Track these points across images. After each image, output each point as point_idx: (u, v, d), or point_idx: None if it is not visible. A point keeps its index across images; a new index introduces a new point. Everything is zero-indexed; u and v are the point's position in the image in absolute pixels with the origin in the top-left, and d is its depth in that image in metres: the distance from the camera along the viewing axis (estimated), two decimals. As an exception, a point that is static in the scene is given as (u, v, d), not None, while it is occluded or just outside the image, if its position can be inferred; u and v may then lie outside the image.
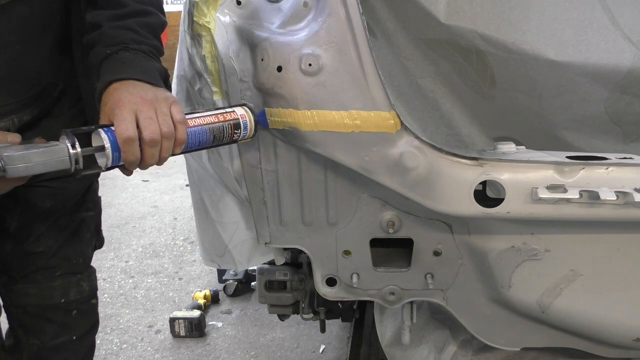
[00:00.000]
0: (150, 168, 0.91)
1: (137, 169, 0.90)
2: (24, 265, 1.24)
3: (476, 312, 1.20)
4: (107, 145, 0.83)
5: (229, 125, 0.97)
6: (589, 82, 1.06)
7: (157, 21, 1.03)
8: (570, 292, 1.09)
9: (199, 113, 0.96)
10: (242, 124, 0.98)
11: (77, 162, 0.81)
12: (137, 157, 0.85)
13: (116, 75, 0.91)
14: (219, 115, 0.96)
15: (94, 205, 1.33)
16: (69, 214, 1.25)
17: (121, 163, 0.86)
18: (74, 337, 1.32)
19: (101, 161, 0.85)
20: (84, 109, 1.20)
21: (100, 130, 0.84)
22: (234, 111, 0.99)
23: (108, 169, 0.86)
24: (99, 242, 1.38)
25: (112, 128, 0.84)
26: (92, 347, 1.42)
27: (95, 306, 1.38)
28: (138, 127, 0.84)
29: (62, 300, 1.28)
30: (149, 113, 0.86)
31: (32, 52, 1.04)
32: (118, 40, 0.95)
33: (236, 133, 0.98)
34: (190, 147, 0.93)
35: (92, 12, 1.01)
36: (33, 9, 0.99)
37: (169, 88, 0.98)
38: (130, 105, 0.85)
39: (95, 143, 0.85)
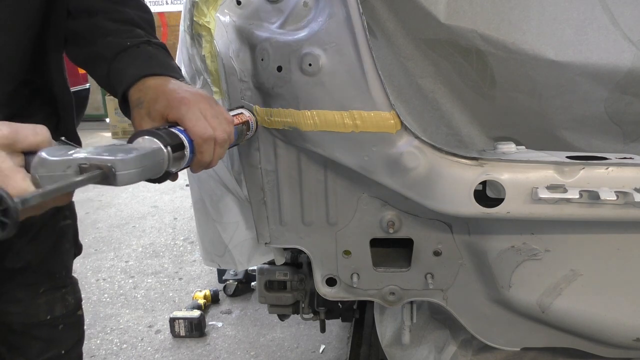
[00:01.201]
0: None
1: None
2: (4, 283, 1.15)
3: (476, 312, 1.20)
4: (187, 145, 0.76)
5: (244, 127, 0.97)
6: (589, 82, 1.06)
7: (152, 18, 1.00)
8: (570, 292, 1.09)
9: None
10: (251, 124, 0.99)
11: (169, 164, 0.72)
12: (212, 157, 0.81)
13: (151, 70, 0.84)
14: (234, 117, 0.95)
15: (70, 212, 1.23)
16: (47, 225, 1.16)
17: (187, 165, 0.79)
18: (62, 352, 1.24)
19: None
20: (57, 108, 1.09)
21: (175, 130, 0.76)
22: (242, 113, 0.99)
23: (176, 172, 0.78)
24: (77, 249, 1.29)
25: (181, 128, 0.78)
26: (79, 359, 1.34)
27: (81, 317, 1.30)
28: None
29: (48, 317, 1.20)
30: (213, 112, 0.81)
31: (8, 44, 0.92)
32: (134, 33, 0.89)
33: (247, 134, 0.99)
34: None
35: None
36: None
37: None
38: (196, 104, 0.80)
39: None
